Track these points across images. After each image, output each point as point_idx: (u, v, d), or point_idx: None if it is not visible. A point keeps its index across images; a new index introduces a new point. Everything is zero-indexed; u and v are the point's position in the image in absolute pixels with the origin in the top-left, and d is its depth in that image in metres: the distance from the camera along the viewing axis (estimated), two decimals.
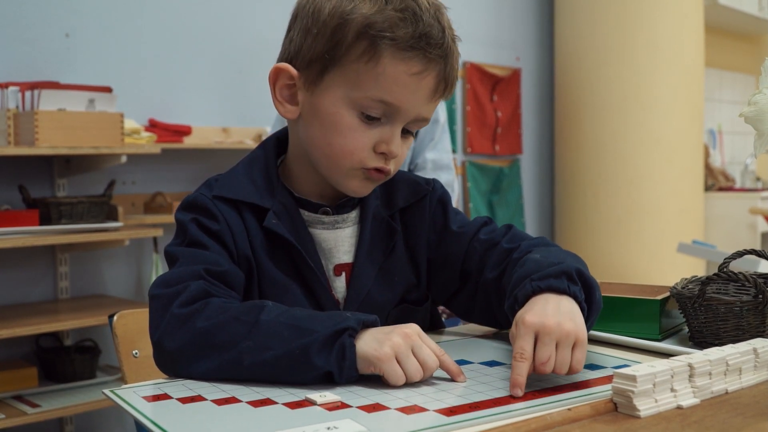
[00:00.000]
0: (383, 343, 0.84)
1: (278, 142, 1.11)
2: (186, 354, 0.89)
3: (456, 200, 2.26)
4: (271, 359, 0.85)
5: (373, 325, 0.88)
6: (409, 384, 0.84)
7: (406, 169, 2.19)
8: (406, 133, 1.02)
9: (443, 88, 1.00)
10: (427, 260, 1.13)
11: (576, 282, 0.93)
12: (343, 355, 0.84)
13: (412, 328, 0.87)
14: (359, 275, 1.06)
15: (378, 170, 1.00)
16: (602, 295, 1.11)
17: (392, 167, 1.02)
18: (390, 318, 1.08)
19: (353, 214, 1.09)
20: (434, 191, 1.15)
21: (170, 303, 0.91)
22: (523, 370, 0.82)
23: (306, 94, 1.01)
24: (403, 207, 1.12)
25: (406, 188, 1.13)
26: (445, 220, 1.13)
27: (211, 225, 1.00)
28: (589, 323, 0.94)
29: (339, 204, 1.08)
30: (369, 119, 0.98)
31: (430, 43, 0.95)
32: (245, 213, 1.03)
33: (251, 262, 1.02)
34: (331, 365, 0.84)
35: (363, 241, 1.07)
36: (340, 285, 1.07)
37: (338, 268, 1.07)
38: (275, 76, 1.03)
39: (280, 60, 1.04)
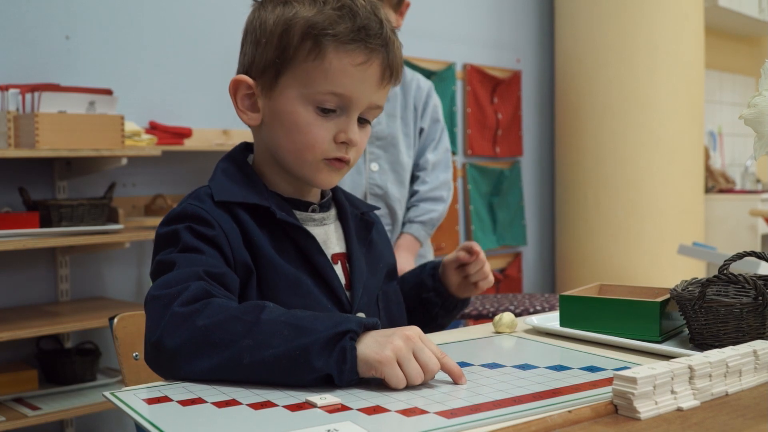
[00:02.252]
0: (384, 346, 0.84)
1: (245, 152, 1.17)
2: (185, 352, 0.88)
3: (451, 200, 2.28)
4: (270, 358, 0.85)
5: (374, 327, 0.89)
6: (409, 386, 0.84)
7: (410, 171, 2.22)
8: (363, 122, 1.10)
9: (389, 75, 1.08)
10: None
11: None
12: (343, 358, 0.84)
13: (413, 331, 0.87)
14: (357, 261, 1.14)
15: (339, 159, 1.08)
16: (602, 297, 1.13)
17: (352, 156, 1.09)
18: (380, 298, 1.18)
19: (332, 213, 1.18)
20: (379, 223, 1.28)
21: (171, 302, 0.91)
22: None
23: (265, 100, 1.09)
24: (364, 211, 1.22)
25: (359, 200, 1.25)
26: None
27: (206, 231, 1.02)
28: None
29: (321, 204, 1.16)
30: (325, 112, 1.05)
31: (370, 34, 1.03)
32: (243, 216, 1.05)
33: (249, 266, 1.03)
34: (330, 368, 0.84)
35: (350, 233, 1.16)
36: (338, 272, 1.12)
37: (334, 258, 1.13)
38: (234, 88, 1.10)
39: (237, 74, 1.12)
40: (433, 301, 1.27)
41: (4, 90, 2.35)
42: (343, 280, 1.12)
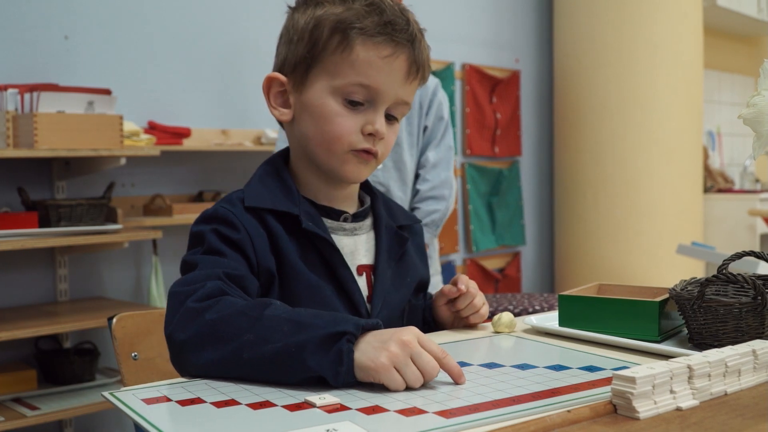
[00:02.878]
0: (380, 353, 0.84)
1: (285, 158, 1.18)
2: (192, 344, 0.91)
3: (453, 198, 2.27)
4: (268, 354, 0.86)
5: (375, 328, 0.88)
6: (409, 387, 0.84)
7: (413, 170, 2.22)
8: (391, 119, 1.11)
9: (416, 70, 1.10)
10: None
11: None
12: (339, 360, 0.84)
13: (411, 333, 0.86)
14: (382, 275, 1.13)
15: (367, 151, 1.09)
16: (601, 296, 1.13)
17: (380, 149, 1.10)
18: (407, 312, 1.19)
19: (367, 222, 1.18)
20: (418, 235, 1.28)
21: (186, 299, 0.94)
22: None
23: (296, 95, 1.11)
24: (401, 225, 1.21)
25: (401, 212, 1.25)
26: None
27: (231, 234, 1.03)
28: None
29: (355, 214, 1.16)
30: (353, 104, 1.08)
31: (396, 29, 1.06)
32: (272, 222, 1.07)
33: (272, 272, 1.05)
34: (324, 369, 0.84)
35: (382, 246, 1.16)
36: (362, 284, 1.12)
37: (359, 269, 1.13)
38: (268, 85, 1.13)
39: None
40: None
41: (3, 90, 2.35)
42: (366, 292, 1.12)
